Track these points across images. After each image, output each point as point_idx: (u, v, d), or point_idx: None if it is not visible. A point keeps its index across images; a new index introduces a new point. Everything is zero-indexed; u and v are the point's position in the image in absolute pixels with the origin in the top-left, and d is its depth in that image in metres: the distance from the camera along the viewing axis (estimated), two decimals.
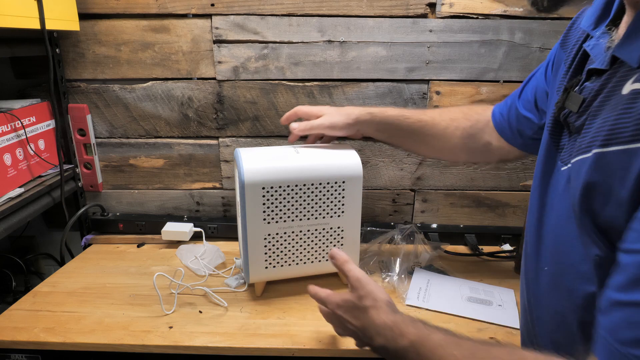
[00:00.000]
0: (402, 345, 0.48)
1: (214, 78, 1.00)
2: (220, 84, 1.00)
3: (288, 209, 0.76)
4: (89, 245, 1.04)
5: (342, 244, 0.82)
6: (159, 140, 1.05)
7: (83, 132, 1.03)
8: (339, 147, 0.82)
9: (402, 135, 0.80)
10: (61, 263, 1.00)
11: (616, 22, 0.45)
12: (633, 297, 0.33)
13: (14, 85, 1.01)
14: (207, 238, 1.03)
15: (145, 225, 1.06)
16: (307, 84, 1.00)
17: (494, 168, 1.05)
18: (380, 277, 0.89)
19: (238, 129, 1.04)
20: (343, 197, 0.79)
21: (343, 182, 0.77)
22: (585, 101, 0.45)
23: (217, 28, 0.96)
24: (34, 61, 0.98)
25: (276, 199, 0.75)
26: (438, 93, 1.00)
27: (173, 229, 1.01)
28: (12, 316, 0.76)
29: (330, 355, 0.70)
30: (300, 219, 0.78)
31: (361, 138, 0.84)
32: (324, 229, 0.80)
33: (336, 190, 0.78)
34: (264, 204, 0.75)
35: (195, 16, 0.96)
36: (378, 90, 1.00)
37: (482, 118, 0.76)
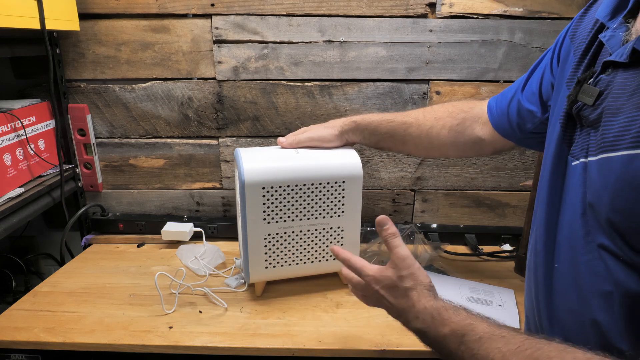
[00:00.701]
0: (443, 333, 0.47)
1: (214, 78, 1.00)
2: (220, 84, 1.00)
3: (288, 209, 0.76)
4: (89, 245, 1.04)
5: (342, 244, 0.82)
6: (159, 140, 1.05)
7: (83, 132, 1.03)
8: (339, 147, 0.82)
9: (388, 138, 0.80)
10: (61, 263, 1.00)
11: (635, 14, 0.44)
12: None
13: (14, 85, 1.01)
14: (207, 238, 1.03)
15: (145, 225, 1.06)
16: (307, 84, 1.00)
17: (494, 168, 1.05)
18: None
19: (238, 129, 1.04)
20: (343, 197, 0.79)
21: (343, 182, 0.77)
22: (602, 94, 0.43)
23: (217, 28, 0.96)
24: (34, 61, 0.98)
25: (276, 199, 0.75)
26: (438, 93, 1.00)
27: (173, 229, 1.01)
28: (12, 316, 0.76)
29: (330, 355, 0.70)
30: (300, 219, 0.78)
31: (351, 146, 0.84)
32: (324, 229, 0.80)
33: (336, 190, 0.78)
34: (264, 204, 0.75)
35: (195, 16, 0.96)
36: (378, 90, 1.00)
37: (470, 115, 0.75)
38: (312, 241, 0.80)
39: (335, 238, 0.81)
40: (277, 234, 0.78)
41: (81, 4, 0.94)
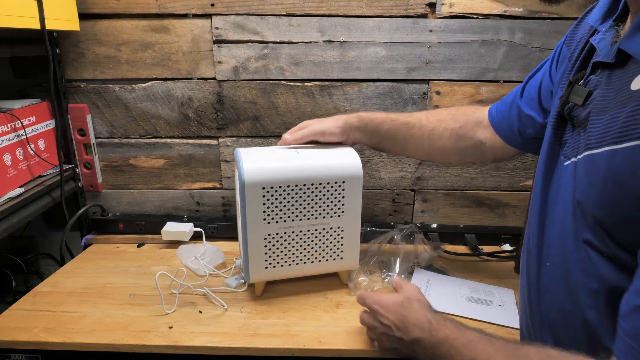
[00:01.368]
0: (438, 338, 0.52)
1: (214, 78, 1.00)
2: (220, 84, 1.00)
3: (288, 209, 0.76)
4: (89, 245, 1.04)
5: (342, 244, 0.82)
6: (159, 140, 1.05)
7: (83, 132, 1.03)
8: (339, 147, 0.82)
9: (390, 139, 0.80)
10: (61, 263, 1.00)
11: (623, 18, 0.46)
12: None
13: (14, 85, 1.01)
14: (207, 238, 1.03)
15: (145, 225, 1.06)
16: (307, 84, 1.00)
17: (494, 168, 1.05)
18: (380, 277, 0.89)
19: (238, 129, 1.04)
20: (343, 197, 0.79)
21: (343, 182, 0.77)
22: (591, 94, 0.45)
23: (217, 28, 0.96)
24: (34, 61, 0.98)
25: (276, 199, 0.75)
26: (438, 93, 1.00)
27: (173, 229, 1.01)
28: (12, 316, 0.76)
29: (330, 355, 0.70)
30: (300, 219, 0.78)
31: (352, 145, 0.84)
32: (324, 229, 0.80)
33: (336, 190, 0.78)
34: (264, 204, 0.75)
35: (195, 16, 0.96)
36: (378, 90, 1.00)
37: (472, 119, 0.76)
38: (312, 241, 0.80)
39: (335, 238, 0.81)
40: (277, 234, 0.78)
41: (81, 4, 0.94)
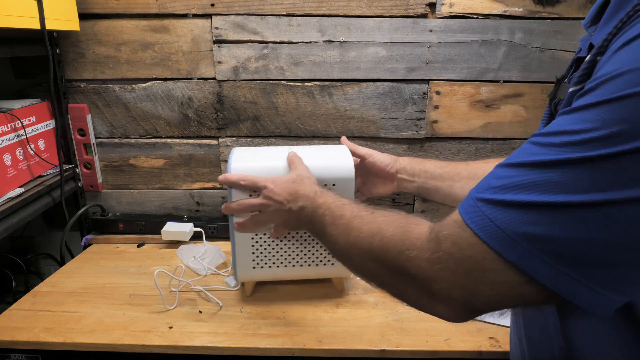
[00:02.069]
0: (318, 202, 0.58)
1: (214, 78, 1.00)
2: (220, 84, 1.00)
3: None
4: (89, 245, 1.04)
5: None
6: (159, 140, 1.05)
7: (83, 132, 1.03)
8: (334, 148, 0.81)
9: (432, 190, 0.76)
10: (61, 263, 1.00)
11: None
12: (508, 161, 0.36)
13: (14, 85, 1.01)
14: (207, 238, 1.03)
15: (145, 225, 1.06)
16: (307, 84, 1.00)
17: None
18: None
19: (238, 129, 1.04)
20: None
21: (333, 185, 0.75)
22: None
23: (217, 28, 0.96)
24: (34, 61, 0.98)
25: None
26: (438, 93, 1.00)
27: (173, 229, 1.01)
28: (12, 316, 0.76)
29: (330, 355, 0.70)
30: None
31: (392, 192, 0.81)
32: None
33: None
34: None
35: (195, 16, 0.96)
36: (378, 90, 1.00)
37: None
38: (302, 244, 0.79)
39: None
40: (265, 235, 0.77)
41: (81, 4, 0.94)
